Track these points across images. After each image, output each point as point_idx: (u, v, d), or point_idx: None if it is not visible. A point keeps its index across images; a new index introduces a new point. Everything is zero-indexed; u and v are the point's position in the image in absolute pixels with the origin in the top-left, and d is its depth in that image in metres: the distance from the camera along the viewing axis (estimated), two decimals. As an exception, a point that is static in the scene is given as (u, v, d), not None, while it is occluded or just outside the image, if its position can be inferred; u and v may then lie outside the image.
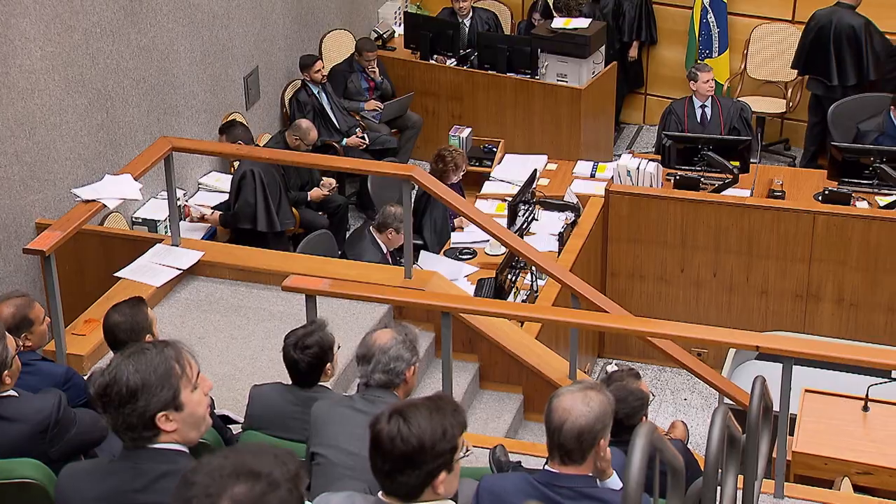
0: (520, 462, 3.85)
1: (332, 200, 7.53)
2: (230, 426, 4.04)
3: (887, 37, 7.99)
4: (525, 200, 6.86)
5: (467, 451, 2.50)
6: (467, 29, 8.89)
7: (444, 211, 6.88)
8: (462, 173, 6.98)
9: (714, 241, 6.81)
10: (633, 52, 9.10)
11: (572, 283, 5.45)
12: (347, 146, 8.05)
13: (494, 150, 8.20)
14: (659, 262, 6.95)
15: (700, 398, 6.73)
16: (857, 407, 5.27)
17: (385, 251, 6.32)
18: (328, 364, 3.79)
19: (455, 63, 8.66)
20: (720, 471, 3.28)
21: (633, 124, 9.62)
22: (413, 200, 5.89)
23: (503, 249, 6.27)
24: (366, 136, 8.13)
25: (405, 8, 9.56)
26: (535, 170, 7.26)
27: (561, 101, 8.26)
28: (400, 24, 9.26)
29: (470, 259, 6.69)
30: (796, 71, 8.39)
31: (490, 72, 8.46)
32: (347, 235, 7.30)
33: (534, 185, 7.10)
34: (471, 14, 8.93)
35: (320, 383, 3.81)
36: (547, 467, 2.91)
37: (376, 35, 9.16)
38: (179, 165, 6.39)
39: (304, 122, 7.36)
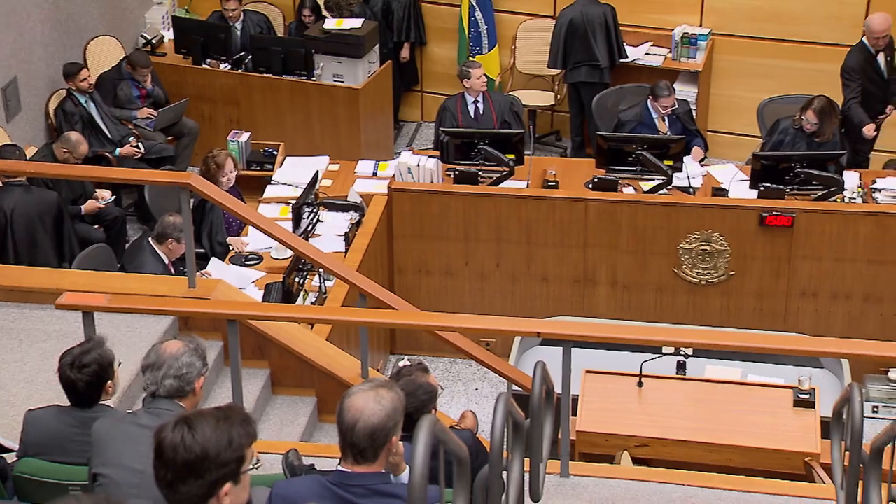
0: (313, 465, 3.86)
1: (108, 213, 7.28)
2: (4, 454, 3.85)
3: (627, 33, 8.49)
4: (308, 202, 6.84)
5: (256, 462, 2.48)
6: (239, 32, 8.77)
7: (222, 217, 6.78)
8: (231, 173, 6.86)
9: (495, 233, 7.00)
10: (405, 54, 9.22)
11: (359, 282, 5.49)
12: (121, 156, 7.79)
13: (275, 153, 8.14)
14: (444, 256, 7.09)
15: (491, 387, 6.91)
16: (633, 383, 5.57)
17: (167, 262, 6.17)
18: (108, 382, 3.68)
19: (229, 67, 8.53)
20: (507, 456, 3.40)
21: (412, 122, 9.76)
22: (192, 208, 5.77)
23: (289, 253, 6.23)
24: (140, 144, 7.89)
25: (173, 12, 9.33)
26: (317, 171, 7.26)
27: (339, 101, 8.28)
28: (169, 29, 9.03)
29: (256, 264, 6.62)
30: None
31: (265, 74, 8.38)
32: (126, 248, 7.07)
33: (316, 187, 7.09)
34: (242, 17, 8.81)
35: (101, 402, 3.69)
36: (340, 467, 2.93)
37: (145, 41, 8.90)
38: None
39: (74, 135, 7.08)
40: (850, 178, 6.87)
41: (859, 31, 7.94)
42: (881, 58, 7.48)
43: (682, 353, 5.92)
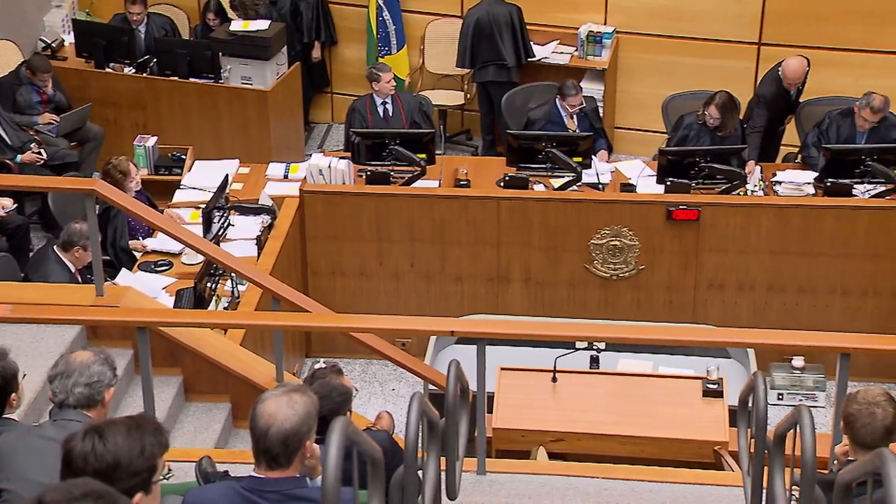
0: (227, 472, 3.82)
1: (10, 221, 7.09)
2: None
3: (534, 31, 8.56)
4: (219, 207, 6.77)
5: (168, 472, 2.45)
6: (143, 35, 8.63)
7: (126, 224, 6.67)
8: (137, 178, 6.76)
9: (409, 233, 7.01)
10: (315, 53, 9.19)
11: (272, 285, 5.46)
12: (23, 163, 7.60)
13: (183, 157, 8.02)
14: (357, 257, 7.08)
15: (408, 387, 6.92)
16: (548, 379, 5.63)
17: (73, 270, 6.04)
18: (12, 395, 3.58)
19: (133, 70, 8.39)
20: (423, 455, 3.41)
21: (323, 123, 9.71)
22: (98, 215, 5.66)
23: (200, 258, 6.16)
24: (42, 151, 7.71)
25: (73, 15, 9.13)
26: (227, 175, 7.18)
27: (248, 104, 8.20)
28: (69, 32, 8.84)
29: (166, 270, 6.53)
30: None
31: (172, 78, 8.26)
32: (30, 257, 6.90)
33: (227, 191, 7.02)
34: (146, 20, 8.67)
35: (5, 416, 3.59)
36: (253, 473, 2.91)
37: (44, 45, 8.70)
38: None
39: (-28, 143, 6.90)
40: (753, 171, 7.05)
41: (757, 29, 8.16)
42: (793, 91, 7.63)
43: (594, 347, 6.01)
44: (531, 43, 8.54)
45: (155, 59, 8.37)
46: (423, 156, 7.09)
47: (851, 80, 7.85)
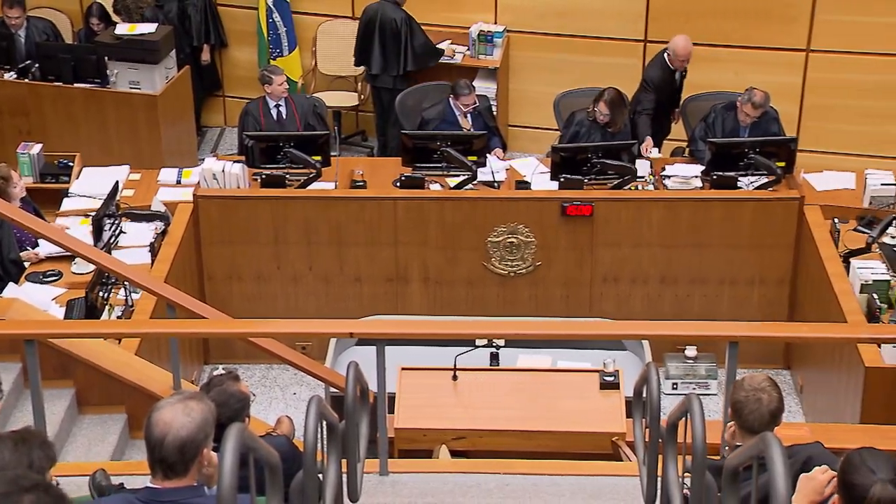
0: (122, 484, 3.75)
1: None
2: None
3: (426, 31, 8.58)
4: (110, 214, 6.63)
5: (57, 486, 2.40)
6: (23, 40, 8.39)
7: (12, 234, 6.48)
8: (21, 185, 6.57)
9: (306, 236, 6.98)
10: (205, 56, 9.07)
11: (166, 292, 5.38)
12: None
13: (70, 164, 7.80)
14: (255, 261, 7.01)
15: (309, 390, 6.87)
16: (448, 377, 5.67)
17: (-44, 284, 5.85)
18: None
19: (15, 76, 8.15)
20: (323, 459, 3.40)
21: (215, 127, 9.59)
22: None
23: (91, 267, 6.02)
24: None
25: (-52, 20, 8.83)
26: (117, 181, 7.04)
27: (137, 108, 8.04)
28: (-55, 38, 8.54)
29: (56, 281, 6.36)
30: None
31: (56, 83, 8.05)
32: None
33: (117, 198, 6.88)
34: (25, 25, 8.43)
35: None
36: (149, 484, 2.86)
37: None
38: None
39: None
40: (643, 165, 7.20)
41: (642, 26, 8.34)
42: (678, 74, 7.85)
43: (494, 344, 6.06)
44: (412, 57, 8.45)
45: (37, 65, 8.15)
46: (318, 158, 7.06)
47: (732, 75, 8.08)
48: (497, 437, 5.38)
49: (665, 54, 7.75)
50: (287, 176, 7.05)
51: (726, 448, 3.55)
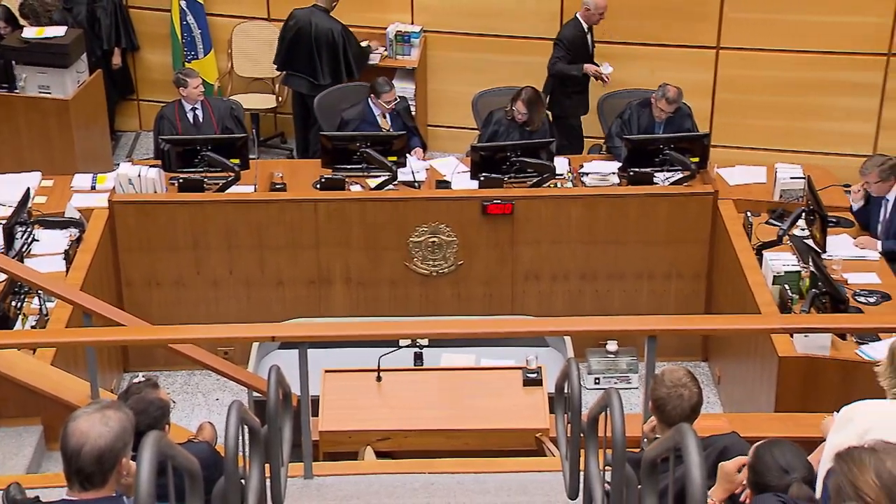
0: (38, 497, 3.67)
1: None
2: None
3: (357, 37, 8.57)
4: (21, 222, 6.49)
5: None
6: (-75, 44, 8.18)
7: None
8: None
9: (226, 240, 6.91)
10: (116, 60, 8.92)
11: (81, 300, 5.28)
12: None
13: (-20, 171, 7.64)
14: (174, 266, 6.92)
15: (232, 396, 6.80)
16: (372, 378, 5.66)
17: None
18: None
19: (-83, 82, 7.94)
20: (246, 464, 3.38)
21: (130, 132, 9.44)
22: None
23: (3, 276, 5.89)
24: None
25: None
26: (29, 188, 6.88)
27: (48, 114, 7.88)
28: None
29: (-35, 291, 6.20)
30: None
31: (-37, 89, 7.86)
32: None
33: (29, 205, 6.74)
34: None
35: None
36: (66, 496, 2.81)
37: None
38: None
39: None
40: (561, 163, 7.28)
41: (557, 25, 8.43)
42: (589, 36, 8.03)
43: (417, 344, 6.07)
44: (354, 65, 8.41)
45: (-60, 70, 7.94)
46: (237, 161, 7.01)
47: (647, 72, 8.21)
48: (422, 436, 5.39)
49: (578, 14, 7.97)
50: (205, 180, 6.98)
51: (645, 441, 3.61)
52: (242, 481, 3.29)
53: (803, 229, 6.53)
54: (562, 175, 7.18)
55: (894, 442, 2.36)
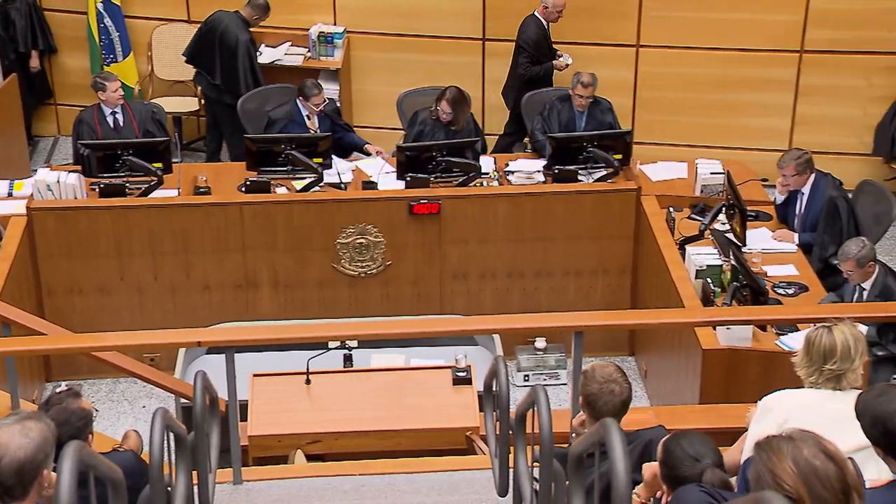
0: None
1: None
2: None
3: (265, 34, 8.49)
4: (-65, 231, 6.33)
5: None
6: None
7: None
8: None
9: (150, 245, 6.82)
10: (34, 63, 8.74)
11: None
12: None
13: None
14: (96, 273, 6.81)
15: (159, 403, 6.71)
16: (301, 381, 5.63)
17: None
18: None
19: None
20: (172, 471, 3.34)
21: (48, 137, 9.26)
22: None
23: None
24: None
25: None
26: (-57, 196, 6.72)
27: (-39, 119, 7.71)
28: None
29: None
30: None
31: None
32: None
33: (-57, 213, 6.57)
34: None
35: None
36: (-15, 511, 2.75)
37: None
38: None
39: None
40: (486, 162, 7.31)
41: (480, 25, 8.47)
42: (551, 30, 8.09)
43: (347, 346, 6.06)
44: (244, 79, 8.26)
45: None
46: (159, 165, 6.92)
47: (570, 71, 8.28)
48: (353, 438, 5.38)
49: (536, 12, 8.03)
50: (127, 185, 6.88)
51: (574, 436, 3.64)
52: (169, 489, 3.25)
53: (724, 223, 6.66)
54: (488, 174, 7.21)
55: (811, 430, 2.41)
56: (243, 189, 7.04)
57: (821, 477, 2.24)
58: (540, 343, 6.92)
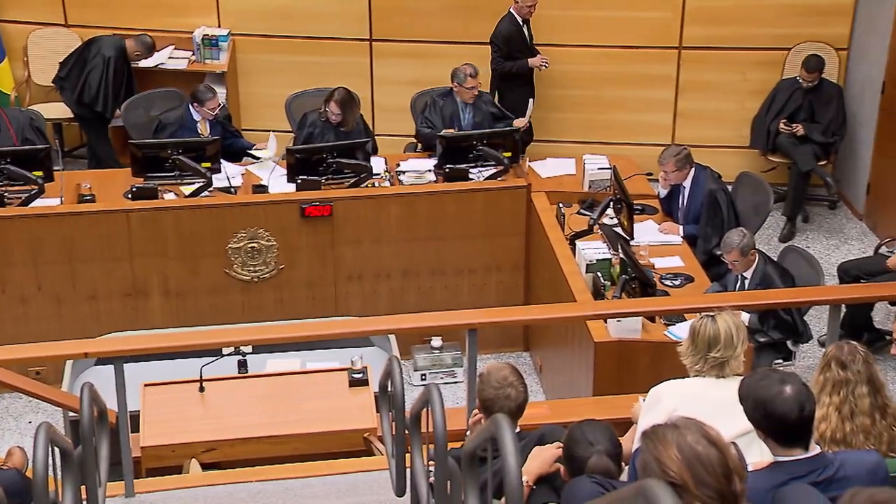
0: None
1: None
2: None
3: (147, 36, 8.34)
4: None
5: None
6: None
7: None
8: None
9: (32, 255, 6.64)
10: None
11: None
12: None
13: None
14: (-24, 286, 6.60)
15: (46, 417, 6.52)
16: (195, 389, 5.55)
17: None
18: None
19: None
20: (58, 488, 3.25)
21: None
22: None
23: None
24: None
25: None
26: None
27: None
28: None
29: None
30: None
31: None
32: None
33: None
34: None
35: None
36: None
37: None
38: None
39: None
40: (378, 163, 7.31)
41: (366, 25, 8.46)
42: (526, 28, 8.07)
43: (241, 351, 5.98)
44: (118, 94, 8.13)
45: None
46: (40, 173, 6.76)
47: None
48: (249, 445, 5.32)
49: (511, 8, 8.01)
50: (6, 194, 6.69)
51: (468, 433, 3.66)
52: (56, 506, 3.16)
53: (612, 218, 6.78)
54: (379, 174, 7.21)
55: (697, 418, 2.48)
56: (129, 196, 6.90)
57: (703, 462, 2.30)
58: (436, 342, 6.95)
